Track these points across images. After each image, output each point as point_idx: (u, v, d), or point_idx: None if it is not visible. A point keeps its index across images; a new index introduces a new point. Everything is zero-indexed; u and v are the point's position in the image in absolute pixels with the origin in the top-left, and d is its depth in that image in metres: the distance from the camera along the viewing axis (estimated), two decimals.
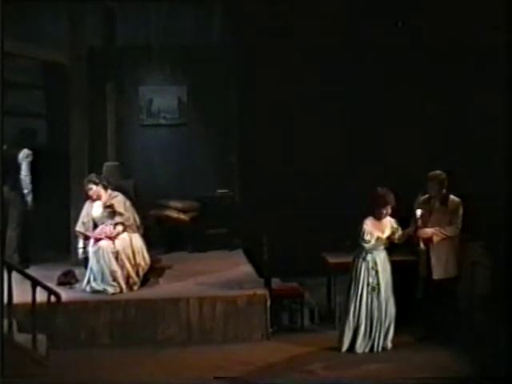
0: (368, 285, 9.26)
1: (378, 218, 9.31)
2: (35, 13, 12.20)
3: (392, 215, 9.39)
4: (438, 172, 9.75)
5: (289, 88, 12.36)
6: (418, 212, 9.42)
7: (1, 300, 8.48)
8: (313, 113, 12.49)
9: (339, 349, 9.31)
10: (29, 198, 11.58)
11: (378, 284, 9.26)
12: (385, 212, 9.29)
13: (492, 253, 10.20)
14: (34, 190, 11.55)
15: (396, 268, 9.54)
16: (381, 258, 9.34)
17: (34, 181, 11.55)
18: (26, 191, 11.56)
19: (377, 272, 9.27)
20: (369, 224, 9.30)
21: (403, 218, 9.57)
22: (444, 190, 9.72)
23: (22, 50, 11.75)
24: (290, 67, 12.38)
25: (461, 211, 9.65)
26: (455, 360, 8.97)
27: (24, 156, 11.58)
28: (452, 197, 9.72)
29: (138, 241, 10.58)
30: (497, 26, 9.87)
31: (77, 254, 10.79)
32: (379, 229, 9.33)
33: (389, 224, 9.35)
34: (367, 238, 9.26)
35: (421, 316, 9.83)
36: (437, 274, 9.64)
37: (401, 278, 9.83)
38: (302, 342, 9.74)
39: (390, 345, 9.33)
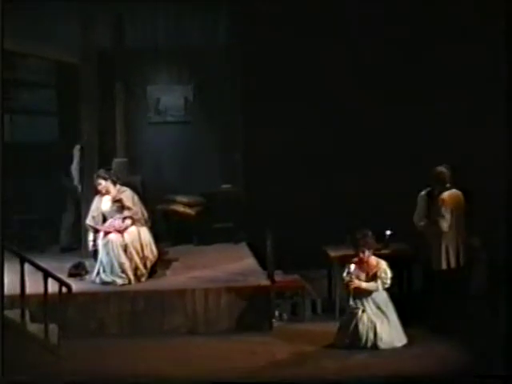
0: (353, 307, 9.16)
1: (359, 259, 9.14)
2: (48, 15, 12.14)
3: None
4: (437, 168, 9.83)
5: (291, 88, 12.41)
6: (352, 267, 9.21)
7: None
8: (314, 111, 12.52)
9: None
10: (79, 188, 11.96)
11: (365, 309, 9.11)
12: (363, 254, 9.11)
13: (489, 247, 10.32)
14: (82, 180, 11.93)
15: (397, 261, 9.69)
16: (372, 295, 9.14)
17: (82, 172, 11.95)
18: (75, 181, 12.07)
19: (361, 299, 9.11)
20: (353, 263, 9.18)
21: None
22: (447, 185, 9.76)
23: (35, 50, 11.85)
24: (293, 68, 12.42)
25: (442, 206, 9.66)
26: (452, 351, 8.90)
27: (76, 150, 12.13)
28: (446, 192, 9.72)
29: (145, 234, 10.56)
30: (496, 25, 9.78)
31: (87, 246, 10.82)
32: (362, 269, 9.16)
33: (375, 268, 9.14)
34: (344, 275, 9.18)
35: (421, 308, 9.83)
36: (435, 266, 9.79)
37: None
38: (303, 332, 9.76)
39: (398, 344, 9.10)
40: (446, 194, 9.71)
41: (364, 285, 9.08)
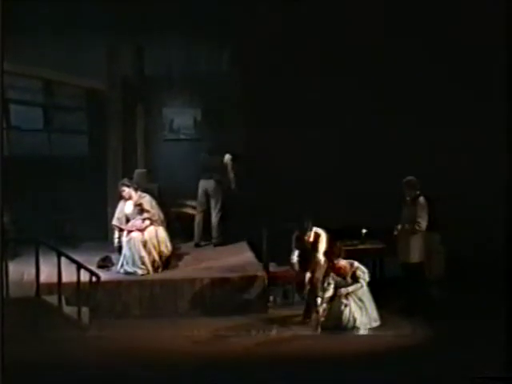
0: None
1: (333, 267, 9.32)
2: (80, 48, 12.15)
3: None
4: (409, 177, 9.77)
5: (284, 111, 12.23)
6: (331, 279, 9.30)
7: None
8: (307, 134, 12.25)
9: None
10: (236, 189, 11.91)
11: (348, 304, 9.22)
12: (332, 262, 9.29)
13: (446, 242, 10.30)
14: (237, 183, 11.94)
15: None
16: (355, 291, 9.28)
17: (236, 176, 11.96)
18: (233, 185, 11.93)
19: (346, 296, 9.24)
20: (331, 274, 9.31)
21: None
22: (417, 192, 9.70)
23: (69, 79, 11.81)
24: (286, 95, 12.22)
25: (420, 209, 9.59)
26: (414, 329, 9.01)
27: (228, 159, 11.97)
28: (421, 197, 9.69)
29: (161, 232, 10.64)
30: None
31: (113, 243, 10.85)
32: (340, 274, 9.29)
33: (351, 271, 9.27)
34: (325, 285, 9.29)
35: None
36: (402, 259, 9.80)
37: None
38: (293, 314, 9.79)
39: (373, 325, 9.24)
40: (421, 199, 9.65)
41: (351, 289, 9.22)
